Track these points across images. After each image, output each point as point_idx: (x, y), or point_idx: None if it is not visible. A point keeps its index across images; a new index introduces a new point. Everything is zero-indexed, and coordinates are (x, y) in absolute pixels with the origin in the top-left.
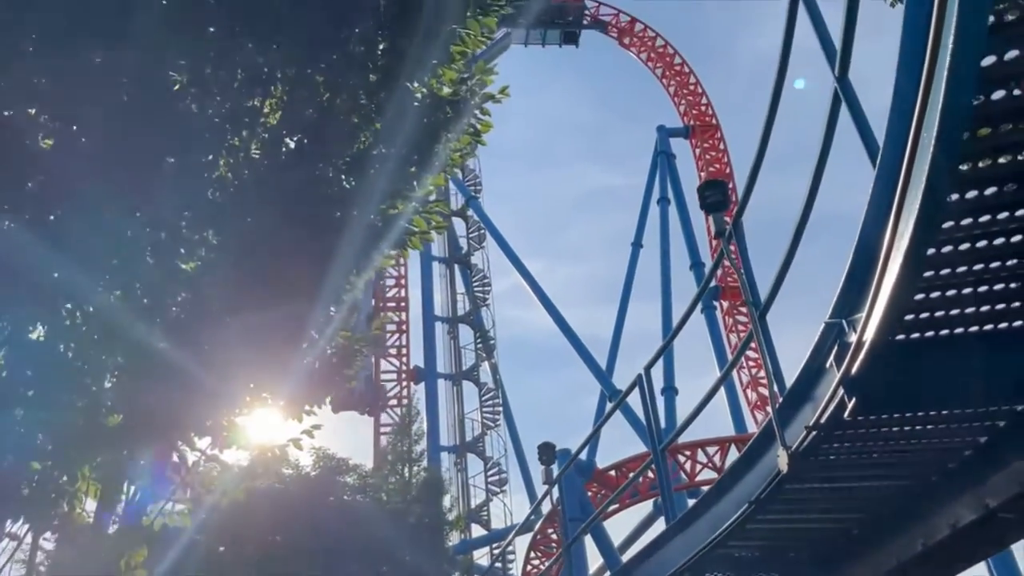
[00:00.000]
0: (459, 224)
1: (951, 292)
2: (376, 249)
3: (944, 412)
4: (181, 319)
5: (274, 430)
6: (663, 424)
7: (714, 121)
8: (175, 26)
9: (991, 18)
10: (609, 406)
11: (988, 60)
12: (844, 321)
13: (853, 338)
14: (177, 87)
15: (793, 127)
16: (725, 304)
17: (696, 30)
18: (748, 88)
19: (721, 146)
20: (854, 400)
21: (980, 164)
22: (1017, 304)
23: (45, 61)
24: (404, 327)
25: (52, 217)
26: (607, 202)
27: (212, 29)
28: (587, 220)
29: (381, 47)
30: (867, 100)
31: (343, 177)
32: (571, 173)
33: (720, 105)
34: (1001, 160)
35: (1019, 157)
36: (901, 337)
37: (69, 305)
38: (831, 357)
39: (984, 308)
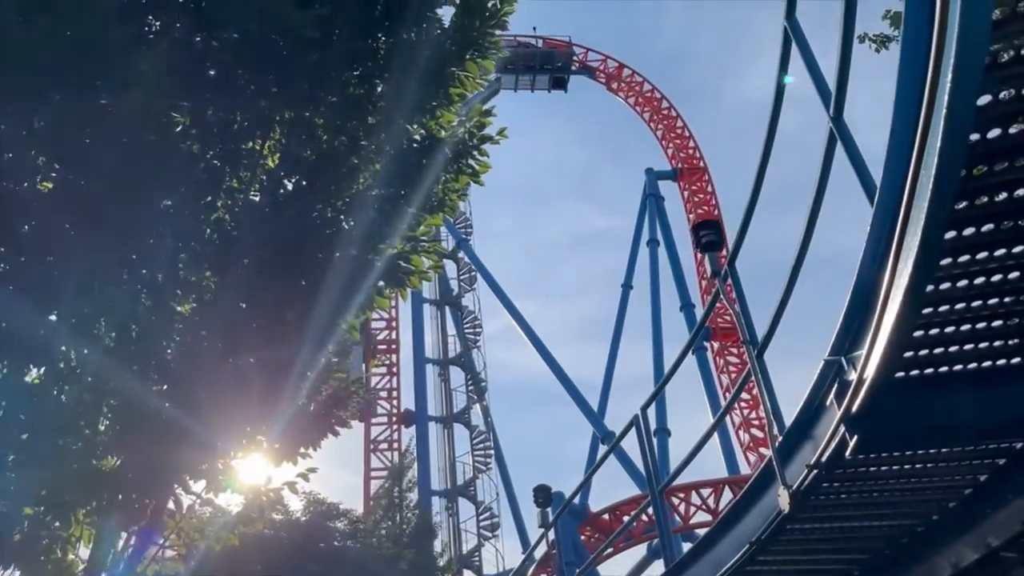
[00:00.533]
0: (450, 266)
1: (950, 329)
2: (373, 289)
3: (945, 450)
4: (176, 362)
5: (269, 473)
6: (658, 465)
7: (701, 164)
8: (178, 69)
9: (987, 58)
10: (602, 448)
11: (984, 99)
12: (843, 358)
13: (853, 376)
14: (179, 128)
15: (786, 166)
16: (716, 345)
17: (682, 75)
18: (734, 131)
19: (709, 188)
20: (855, 438)
21: (977, 202)
22: (1016, 341)
23: (47, 103)
24: (395, 370)
25: (49, 259)
26: (597, 243)
27: (213, 72)
28: (577, 261)
29: (380, 89)
30: (860, 140)
31: (342, 218)
32: (561, 214)
33: (707, 148)
34: (997, 198)
35: (1015, 194)
36: (901, 375)
37: (64, 348)
38: (831, 395)
39: (983, 345)
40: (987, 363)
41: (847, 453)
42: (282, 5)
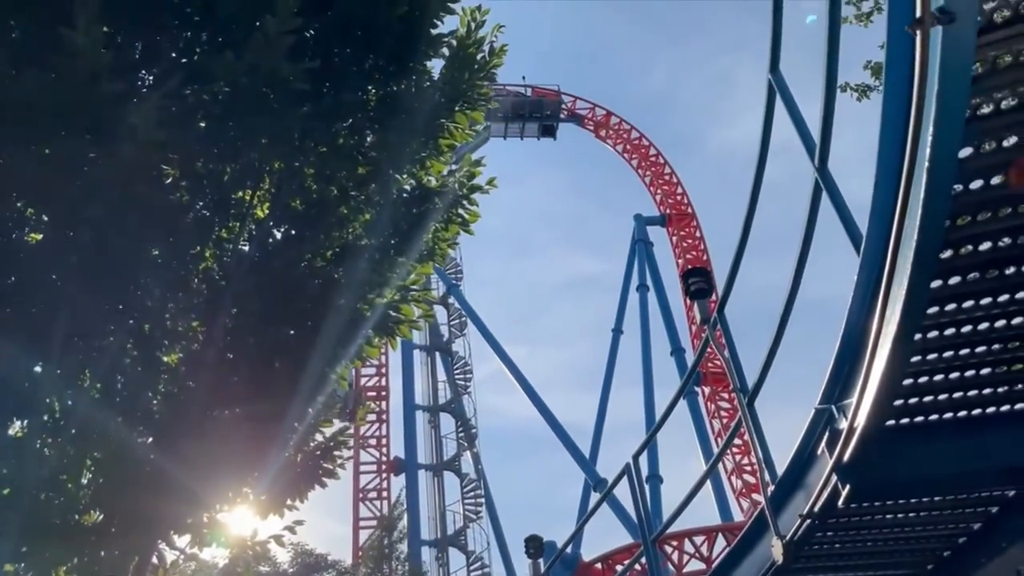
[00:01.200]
0: (440, 312)
1: (939, 377)
2: (363, 338)
3: (938, 499)
4: (162, 413)
5: (255, 526)
6: (650, 513)
7: (689, 210)
8: (169, 122)
9: (967, 111)
10: (594, 495)
11: (966, 151)
12: (834, 407)
13: (844, 424)
14: (168, 180)
15: (772, 210)
16: (707, 390)
17: (669, 122)
18: (722, 177)
19: (697, 234)
20: (848, 488)
21: (962, 251)
22: (1004, 388)
23: (36, 154)
24: (384, 417)
25: (34, 310)
26: (587, 288)
27: (204, 124)
28: (568, 306)
29: (370, 140)
30: (844, 187)
31: (331, 267)
32: (551, 260)
33: (695, 194)
34: (981, 247)
35: (999, 244)
36: (892, 423)
37: (49, 400)
38: (822, 443)
39: (973, 393)
40: (977, 411)
41: (840, 502)
42: (273, 58)
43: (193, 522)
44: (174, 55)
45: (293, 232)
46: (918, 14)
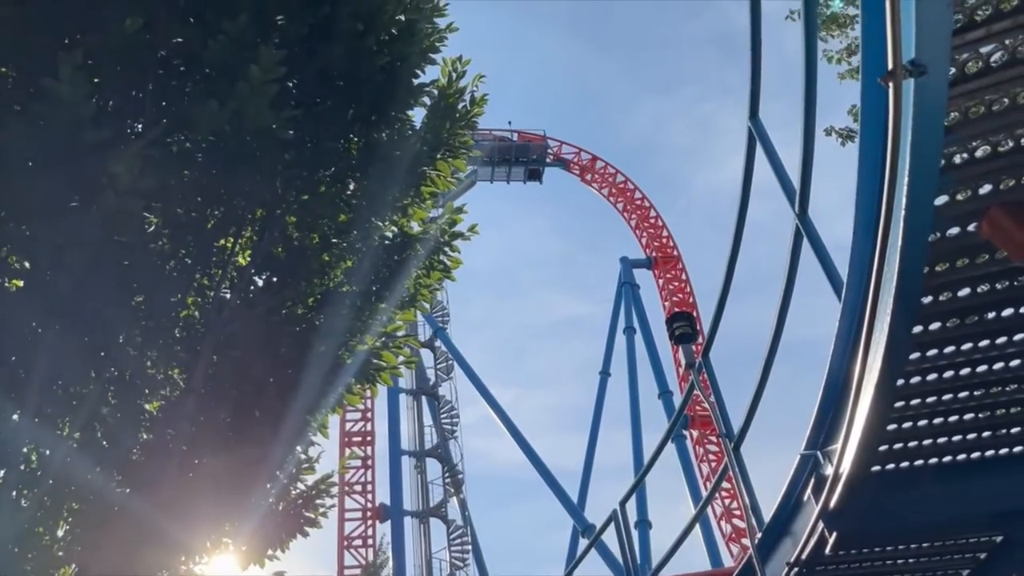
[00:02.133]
0: (427, 355)
1: (923, 423)
2: (344, 386)
3: (926, 545)
4: (141, 462)
5: None
6: (638, 560)
7: (675, 252)
8: (152, 169)
9: (941, 161)
10: (582, 541)
11: (941, 199)
12: (819, 453)
13: (829, 470)
14: (151, 229)
15: (756, 252)
16: (695, 433)
17: (654, 165)
18: (707, 219)
19: (683, 276)
20: (835, 535)
21: (941, 297)
22: (989, 434)
23: (18, 202)
24: (370, 462)
25: (12, 358)
26: (574, 330)
27: (187, 171)
28: (555, 348)
29: (352, 187)
30: (828, 230)
31: (312, 315)
32: (538, 302)
33: (680, 236)
34: (960, 293)
35: (978, 290)
36: (877, 468)
37: (27, 448)
38: (808, 490)
39: (957, 438)
40: (962, 456)
41: (827, 550)
42: (256, 107)
43: (171, 573)
44: (159, 103)
45: (275, 279)
46: (890, 67)
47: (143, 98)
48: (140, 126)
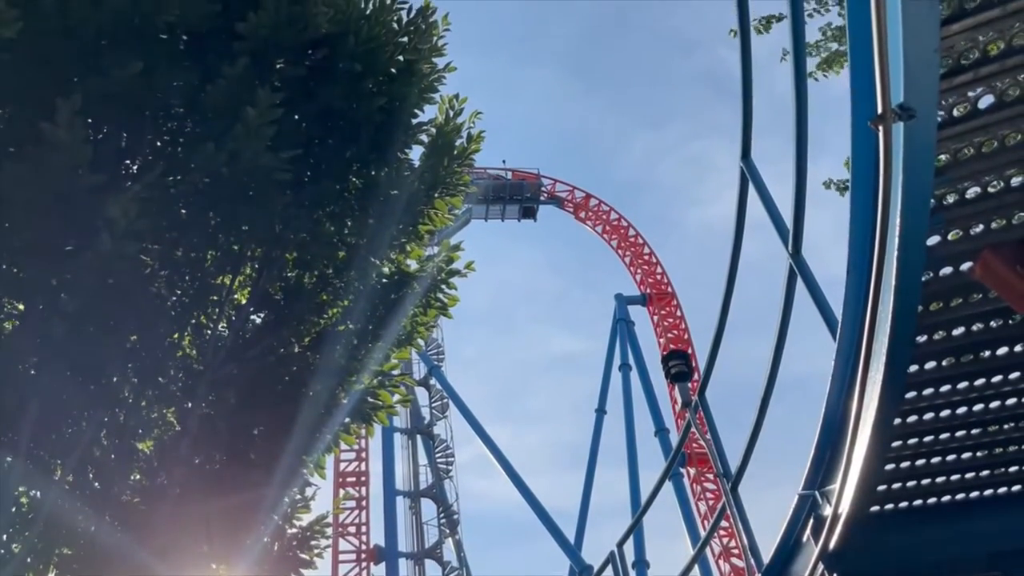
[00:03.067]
0: (421, 394)
1: (921, 462)
2: (340, 425)
3: None
4: (134, 504)
5: None
6: None
7: (669, 289)
8: (149, 212)
9: (932, 201)
10: None
11: (933, 240)
12: (817, 492)
13: (828, 511)
14: (147, 271)
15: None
16: (692, 471)
17: (647, 202)
18: (700, 254)
19: (678, 312)
20: None
21: (935, 336)
22: (987, 473)
23: (12, 245)
24: (364, 503)
25: (5, 400)
26: (569, 367)
27: (184, 212)
28: (550, 385)
29: (350, 225)
30: (821, 261)
31: (308, 354)
32: (534, 339)
33: (675, 272)
34: (955, 332)
35: (972, 328)
36: (876, 509)
37: (19, 492)
38: (807, 530)
39: (955, 477)
40: (961, 495)
41: None
42: (254, 149)
43: None
44: (156, 144)
45: (272, 317)
46: (879, 110)
47: (140, 140)
48: (136, 167)
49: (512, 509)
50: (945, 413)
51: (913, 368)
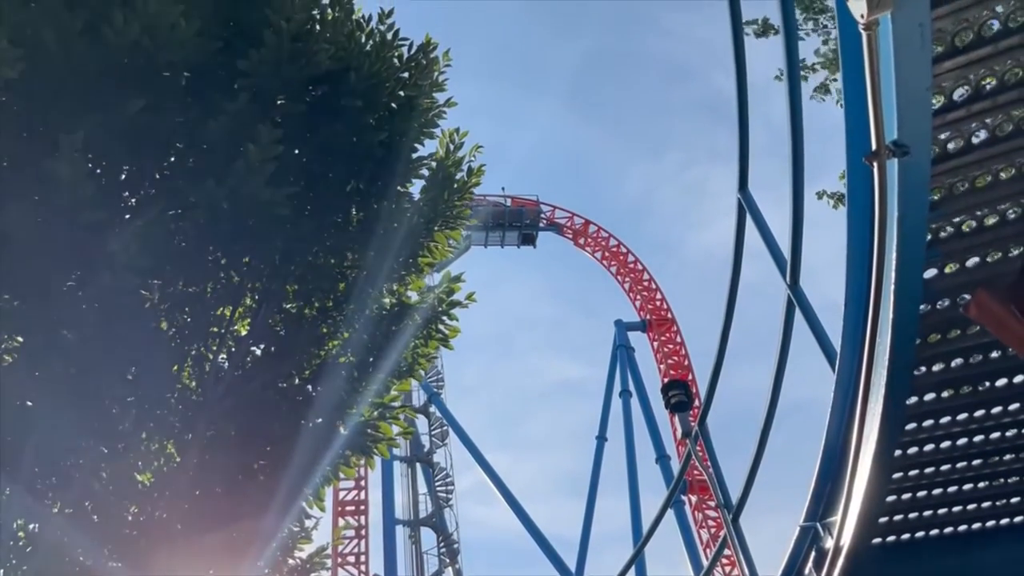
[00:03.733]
0: (421, 421)
1: (922, 494)
2: (340, 458)
3: None
4: (133, 537)
5: None
6: None
7: (669, 315)
8: (150, 247)
9: (928, 235)
10: None
11: (930, 273)
12: (818, 524)
13: (830, 543)
14: (148, 305)
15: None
16: (693, 499)
17: (646, 228)
18: (700, 279)
19: (678, 339)
20: None
21: (934, 368)
22: (988, 504)
23: (12, 280)
24: (363, 532)
25: (3, 432)
26: (569, 393)
27: (184, 244)
28: (550, 412)
29: (351, 258)
30: (818, 287)
31: (308, 386)
32: (534, 365)
33: (674, 297)
34: (953, 364)
35: (971, 360)
36: (878, 541)
37: (17, 524)
38: (809, 563)
39: (956, 509)
40: (963, 527)
41: None
42: (255, 184)
43: None
44: (156, 178)
45: (272, 349)
46: (873, 147)
47: (141, 174)
48: (134, 200)
49: (512, 537)
50: (945, 444)
51: (912, 400)
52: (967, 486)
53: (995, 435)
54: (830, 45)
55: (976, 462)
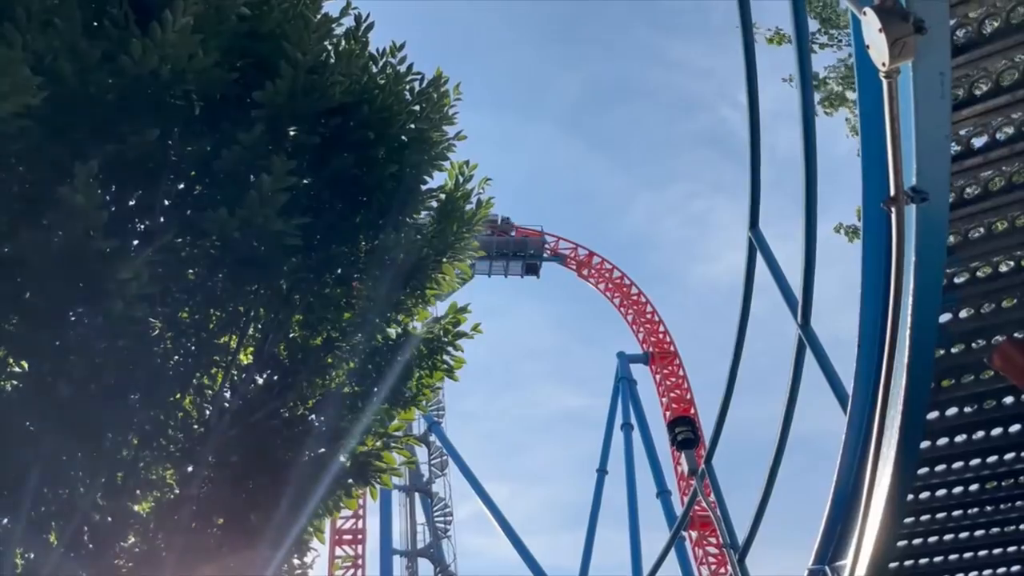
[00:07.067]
0: (420, 451)
1: (933, 539)
2: (342, 488)
3: None
4: (130, 569)
5: None
6: None
7: (672, 348)
8: (160, 275)
9: (944, 280)
10: None
11: (945, 317)
12: (828, 568)
13: None
14: (154, 333)
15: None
16: (694, 534)
17: (649, 260)
18: (703, 311)
19: (681, 372)
20: None
21: (948, 413)
22: (1000, 551)
23: (21, 306)
24: (360, 562)
25: (5, 461)
26: (571, 424)
27: (192, 271)
28: (551, 442)
29: (357, 288)
30: (829, 323)
31: (311, 416)
32: (535, 395)
33: (677, 331)
34: (967, 409)
35: (984, 405)
36: None
37: (15, 552)
38: None
39: (968, 555)
40: (974, 573)
41: None
42: (266, 214)
43: None
44: (169, 207)
45: (276, 378)
46: (892, 192)
47: (153, 202)
48: (143, 227)
49: (512, 569)
50: (958, 490)
51: (925, 444)
52: (979, 532)
53: (1008, 481)
54: (846, 60)
55: (988, 508)
